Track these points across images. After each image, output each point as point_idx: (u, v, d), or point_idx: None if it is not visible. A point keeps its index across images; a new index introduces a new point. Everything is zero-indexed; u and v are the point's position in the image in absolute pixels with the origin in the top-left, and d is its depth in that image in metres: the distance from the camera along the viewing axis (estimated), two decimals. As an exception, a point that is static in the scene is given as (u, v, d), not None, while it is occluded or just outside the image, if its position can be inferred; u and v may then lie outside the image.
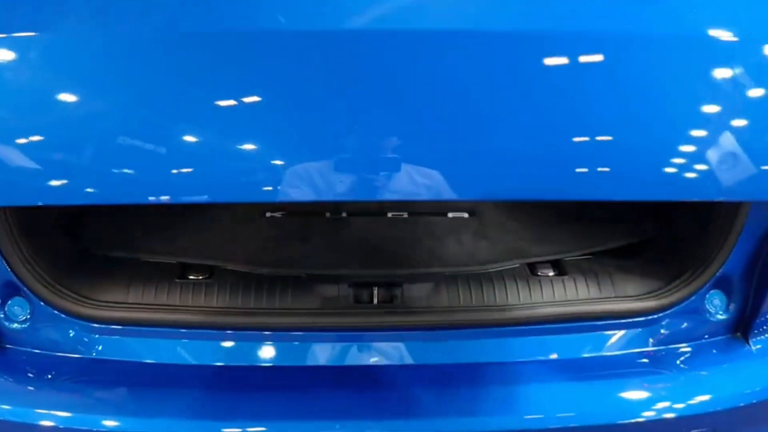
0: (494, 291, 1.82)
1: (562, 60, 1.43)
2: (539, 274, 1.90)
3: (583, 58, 1.43)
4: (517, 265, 1.94)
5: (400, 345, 1.75)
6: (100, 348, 1.75)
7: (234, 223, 2.13)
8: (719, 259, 1.78)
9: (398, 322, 1.74)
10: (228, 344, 1.76)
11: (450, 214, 2.21)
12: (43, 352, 1.75)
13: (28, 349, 1.75)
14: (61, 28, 1.44)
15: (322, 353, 1.76)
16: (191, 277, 1.86)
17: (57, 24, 1.44)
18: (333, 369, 1.75)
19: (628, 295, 1.83)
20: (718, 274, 1.79)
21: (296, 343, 1.76)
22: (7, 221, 1.68)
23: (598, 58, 1.44)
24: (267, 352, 1.76)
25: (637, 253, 2.02)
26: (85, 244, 1.98)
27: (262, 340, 1.76)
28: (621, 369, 1.79)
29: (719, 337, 1.85)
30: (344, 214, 2.20)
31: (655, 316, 1.81)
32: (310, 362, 1.76)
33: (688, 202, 1.93)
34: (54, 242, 1.89)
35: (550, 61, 1.43)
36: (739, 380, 1.77)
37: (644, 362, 1.80)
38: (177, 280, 1.83)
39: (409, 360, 1.75)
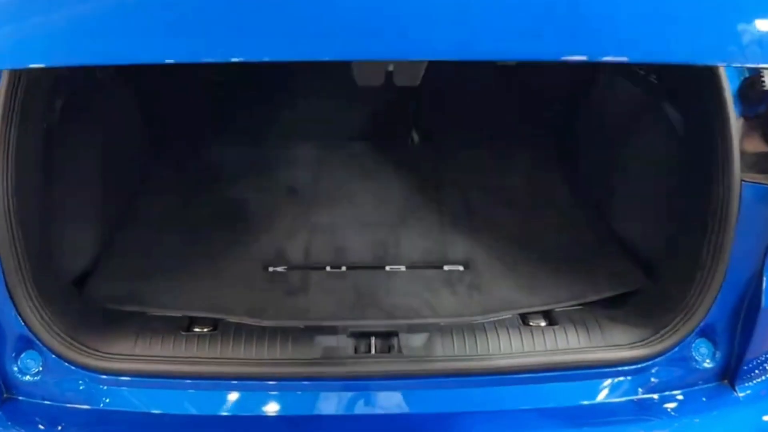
0: (487, 341, 1.89)
1: None
2: (531, 324, 1.97)
3: None
4: (510, 316, 2.01)
5: (398, 394, 1.81)
6: (108, 399, 1.81)
7: (237, 278, 2.21)
8: (703, 308, 1.85)
9: (396, 372, 1.80)
10: (231, 394, 1.83)
11: (446, 267, 2.29)
12: (54, 403, 1.81)
13: (40, 401, 1.81)
14: None
15: (323, 403, 1.82)
16: (196, 329, 1.93)
17: None
18: (334, 418, 1.81)
19: (617, 343, 1.90)
20: (702, 323, 1.86)
21: (297, 392, 1.82)
22: (23, 280, 1.77)
23: None
24: (270, 402, 1.82)
25: (626, 302, 2.09)
26: (98, 299, 2.07)
27: (264, 390, 1.83)
28: (612, 417, 1.85)
29: (707, 385, 1.91)
30: (344, 268, 2.28)
31: (645, 364, 1.87)
32: (310, 411, 1.82)
33: (676, 253, 2.03)
34: (67, 298, 1.97)
35: None
36: (727, 427, 1.83)
37: (635, 410, 1.86)
38: (182, 333, 1.90)
39: (406, 409, 1.81)
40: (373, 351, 1.88)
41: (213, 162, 3.03)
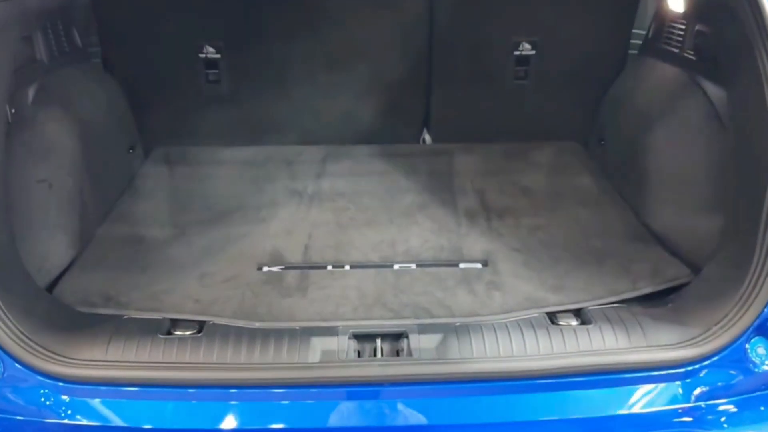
0: (511, 342, 1.64)
1: None
2: (560, 323, 1.73)
3: None
4: (536, 315, 1.77)
5: (408, 401, 1.56)
6: (75, 412, 1.58)
7: (226, 278, 1.99)
8: (760, 301, 1.60)
9: (405, 376, 1.56)
10: (217, 404, 1.58)
11: (462, 265, 2.05)
12: (13, 417, 1.58)
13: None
14: None
15: (323, 413, 1.57)
16: (177, 332, 1.71)
17: None
18: (336, 431, 1.57)
19: (661, 344, 1.65)
20: (759, 318, 1.60)
21: (293, 401, 1.58)
22: None
23: None
24: (260, 412, 1.58)
25: (668, 298, 1.84)
26: (68, 301, 1.85)
27: (255, 399, 1.58)
28: (656, 429, 1.59)
29: (766, 392, 1.64)
30: (347, 267, 2.05)
31: (693, 367, 1.61)
32: (310, 423, 1.57)
33: (725, 242, 1.79)
34: (33, 299, 1.75)
35: None
36: (791, 441, 1.57)
37: (683, 421, 1.60)
38: (161, 336, 1.67)
39: (419, 419, 1.56)
40: (379, 354, 1.64)
41: (205, 157, 2.83)
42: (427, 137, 3.05)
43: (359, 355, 1.66)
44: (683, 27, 2.31)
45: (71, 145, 2.18)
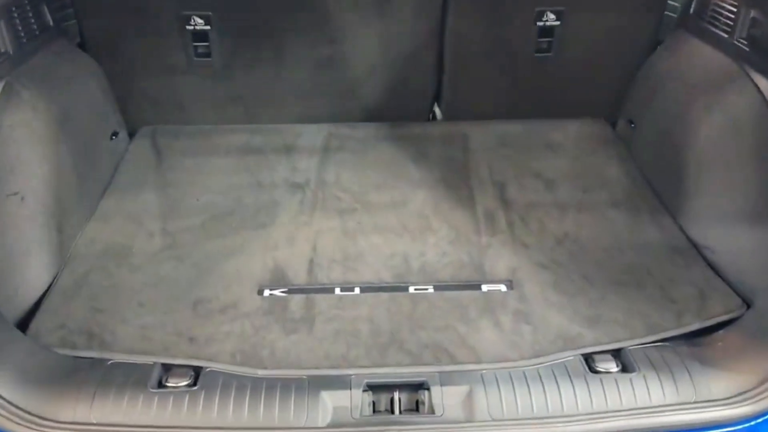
0: (545, 396, 1.46)
1: None
2: (599, 369, 1.54)
3: None
4: (571, 358, 1.58)
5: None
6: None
7: (224, 307, 1.78)
8: None
9: None
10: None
11: (484, 287, 1.85)
12: None
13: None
14: None
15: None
16: (170, 384, 1.51)
17: None
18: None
19: (713, 398, 1.46)
20: None
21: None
22: None
23: None
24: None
25: (716, 336, 1.65)
26: (45, 342, 1.65)
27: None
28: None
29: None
30: (357, 290, 1.85)
31: (749, 424, 1.44)
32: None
33: None
34: (1, 339, 1.55)
35: None
36: None
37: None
38: (152, 390, 1.48)
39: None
40: (396, 411, 1.46)
41: (196, 141, 2.59)
42: (438, 111, 2.81)
43: (374, 407, 1.48)
44: (734, 10, 2.03)
45: (44, 148, 1.94)
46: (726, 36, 2.06)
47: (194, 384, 1.51)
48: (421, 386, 1.50)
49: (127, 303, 1.79)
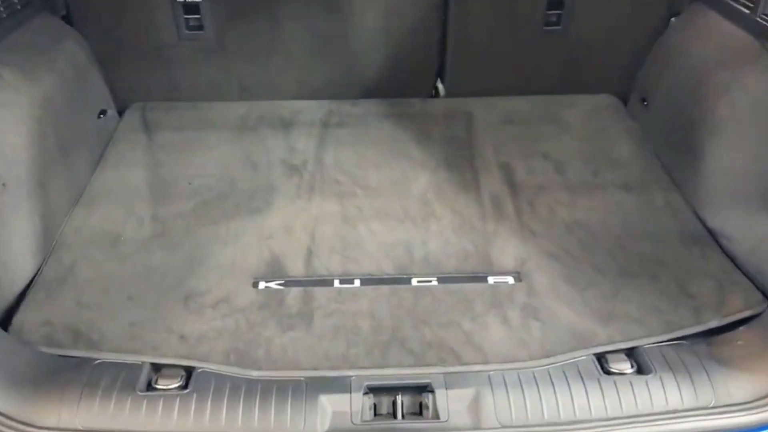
0: (557, 399, 1.38)
1: None
2: (613, 370, 1.46)
3: None
4: (583, 358, 1.50)
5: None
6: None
7: (217, 300, 1.69)
8: None
9: None
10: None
11: (491, 279, 1.76)
12: None
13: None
14: None
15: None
16: (160, 385, 1.44)
17: None
18: None
19: (732, 402, 1.39)
20: None
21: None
22: None
23: None
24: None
25: (736, 333, 1.57)
26: (28, 340, 1.56)
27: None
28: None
29: None
30: (357, 283, 1.76)
31: None
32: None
33: None
34: None
35: None
36: None
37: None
38: (141, 393, 1.40)
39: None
40: (399, 415, 1.39)
41: (188, 118, 2.49)
42: (441, 87, 2.70)
43: (375, 410, 1.41)
44: None
45: (28, 131, 1.83)
46: (748, 12, 1.94)
47: (185, 386, 1.44)
48: (424, 389, 1.43)
49: (115, 297, 1.70)
